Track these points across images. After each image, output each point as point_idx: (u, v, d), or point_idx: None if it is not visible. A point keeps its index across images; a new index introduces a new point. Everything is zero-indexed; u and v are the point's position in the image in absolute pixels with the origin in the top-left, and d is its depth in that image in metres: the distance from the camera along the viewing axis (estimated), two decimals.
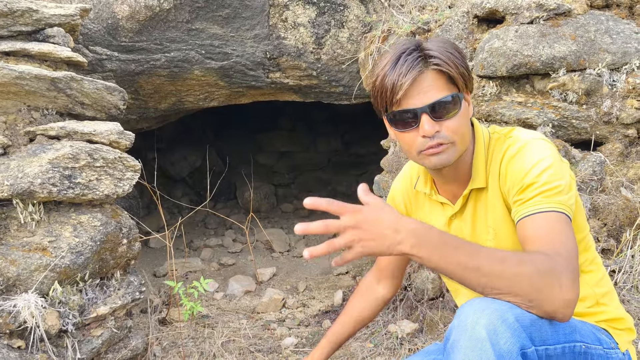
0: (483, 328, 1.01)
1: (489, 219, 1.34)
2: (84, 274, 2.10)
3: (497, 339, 1.01)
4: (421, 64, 1.20)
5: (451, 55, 1.22)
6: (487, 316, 1.02)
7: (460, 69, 1.23)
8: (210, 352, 2.56)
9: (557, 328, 1.11)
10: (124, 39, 3.09)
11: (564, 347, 1.13)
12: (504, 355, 1.00)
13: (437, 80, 1.21)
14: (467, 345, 1.02)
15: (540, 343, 1.07)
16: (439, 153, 1.24)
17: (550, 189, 1.17)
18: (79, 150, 2.08)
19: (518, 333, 1.02)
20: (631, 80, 2.45)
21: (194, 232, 5.11)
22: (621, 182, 2.46)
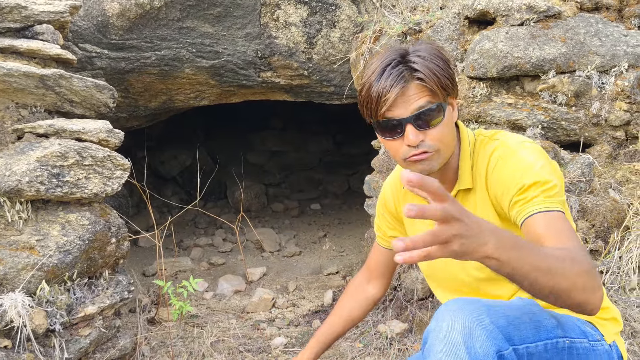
0: (458, 333, 1.01)
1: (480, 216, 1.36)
2: (72, 273, 2.08)
3: (473, 342, 1.00)
4: (405, 77, 1.23)
5: (435, 66, 1.24)
6: (462, 319, 1.02)
7: (443, 81, 1.25)
8: (199, 351, 2.55)
9: (538, 325, 1.12)
10: (114, 37, 3.07)
11: (546, 344, 1.13)
12: (477, 356, 1.00)
13: (421, 91, 1.23)
14: (442, 349, 1.02)
15: (520, 342, 1.07)
16: (422, 160, 1.27)
17: (550, 188, 1.19)
18: (67, 149, 2.06)
19: (494, 335, 1.02)
20: (619, 83, 2.47)
21: (184, 232, 5.08)
22: (609, 183, 2.48)
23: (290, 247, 4.51)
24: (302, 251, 4.47)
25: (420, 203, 1.49)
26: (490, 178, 1.31)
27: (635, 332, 2.17)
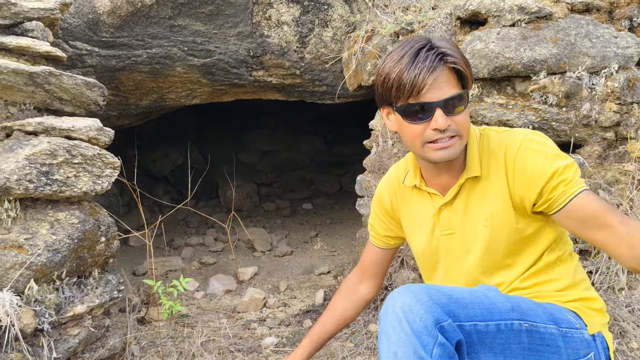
0: (400, 309, 1.16)
1: (486, 206, 1.41)
2: (61, 272, 2.07)
3: (413, 316, 1.14)
4: (439, 60, 1.28)
5: (461, 54, 1.33)
6: (402, 299, 1.17)
7: (469, 68, 1.34)
8: (189, 351, 2.54)
9: (490, 307, 1.22)
10: (105, 35, 3.05)
11: (499, 324, 1.22)
12: (420, 330, 1.12)
13: (450, 78, 1.30)
14: (389, 326, 1.16)
15: (466, 319, 1.18)
16: (447, 147, 1.32)
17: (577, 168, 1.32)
18: (56, 147, 2.04)
19: (432, 309, 1.14)
20: (610, 84, 2.49)
21: (175, 231, 5.06)
22: (599, 184, 2.50)
23: (281, 247, 4.50)
24: (294, 251, 4.46)
25: (421, 197, 1.53)
26: (513, 169, 1.36)
27: (624, 331, 2.19)
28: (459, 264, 1.50)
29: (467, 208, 1.44)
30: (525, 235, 1.40)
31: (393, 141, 2.84)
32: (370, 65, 2.94)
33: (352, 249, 4.07)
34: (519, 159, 1.35)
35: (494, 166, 1.40)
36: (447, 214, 1.48)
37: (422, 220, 1.55)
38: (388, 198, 1.66)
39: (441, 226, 1.50)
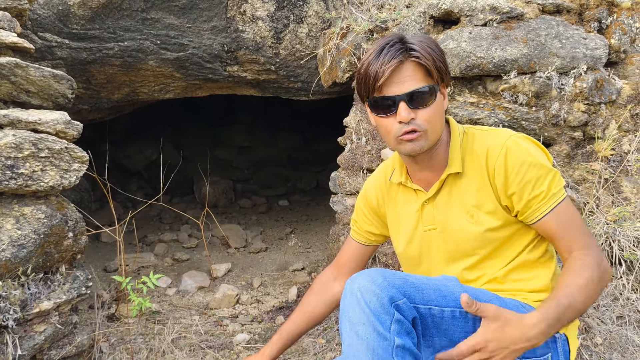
0: (357, 290, 1.21)
1: (466, 203, 1.44)
2: (27, 268, 2.02)
3: (370, 296, 1.18)
4: (402, 54, 1.31)
5: (430, 49, 1.34)
6: (359, 282, 1.22)
7: (438, 63, 1.34)
8: (159, 348, 2.52)
9: (446, 294, 1.27)
10: (76, 26, 2.99)
11: (454, 311, 1.26)
12: (377, 309, 1.17)
13: (416, 72, 1.32)
14: (348, 307, 1.21)
15: (421, 302, 1.23)
16: (412, 140, 1.35)
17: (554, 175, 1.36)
18: (22, 140, 2.00)
19: (387, 289, 1.19)
20: (578, 85, 2.53)
21: (149, 227, 5.01)
22: (567, 182, 2.55)
23: (256, 243, 4.48)
24: (269, 247, 4.45)
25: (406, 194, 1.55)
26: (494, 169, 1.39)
27: (589, 327, 2.23)
28: (440, 259, 1.52)
29: (448, 204, 1.47)
30: (505, 232, 1.43)
31: (367, 138, 2.85)
32: (344, 62, 2.95)
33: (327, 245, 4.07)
34: (499, 161, 1.37)
35: (476, 164, 1.42)
36: (430, 209, 1.50)
37: (407, 216, 1.57)
38: (374, 195, 1.68)
39: (424, 222, 1.52)
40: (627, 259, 2.30)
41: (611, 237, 2.32)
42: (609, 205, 2.47)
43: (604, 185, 2.51)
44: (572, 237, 1.34)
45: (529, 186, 1.34)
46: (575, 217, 1.36)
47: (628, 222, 2.35)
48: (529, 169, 1.34)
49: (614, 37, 2.70)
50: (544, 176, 1.34)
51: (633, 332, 2.18)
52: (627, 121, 2.62)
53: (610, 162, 2.58)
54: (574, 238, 1.34)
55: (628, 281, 2.30)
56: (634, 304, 2.26)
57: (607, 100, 2.60)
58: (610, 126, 2.58)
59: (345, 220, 2.93)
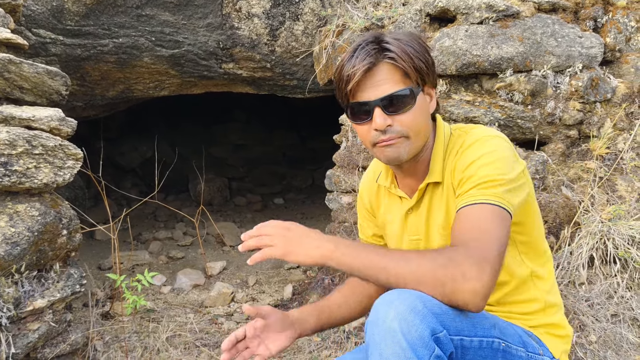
0: (394, 320, 1.03)
1: (441, 213, 1.34)
2: (20, 266, 2.01)
3: (408, 327, 1.02)
4: (375, 55, 1.18)
5: (410, 48, 1.20)
6: (396, 307, 1.04)
7: (417, 63, 1.20)
8: (154, 346, 2.51)
9: (474, 321, 1.13)
10: (70, 23, 2.97)
11: (482, 341, 1.14)
12: (415, 342, 1.02)
13: (392, 74, 1.19)
14: (381, 338, 1.04)
15: (455, 332, 1.09)
16: (390, 146, 1.23)
17: (487, 181, 1.16)
18: (16, 137, 1.98)
19: (428, 319, 1.04)
20: (574, 83, 2.54)
21: (144, 225, 4.99)
22: (562, 181, 2.55)
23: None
24: None
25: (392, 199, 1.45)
26: (452, 170, 1.29)
27: (583, 325, 2.24)
28: None
29: (429, 213, 1.36)
30: None
31: None
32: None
33: None
34: (459, 156, 1.26)
35: (449, 169, 1.30)
36: (413, 218, 1.40)
37: (394, 223, 1.47)
38: (367, 198, 1.56)
39: (409, 231, 1.42)
40: (621, 257, 2.31)
41: (606, 236, 2.33)
42: (604, 203, 2.48)
43: (598, 183, 2.52)
44: (461, 237, 1.13)
45: (461, 182, 1.21)
46: (487, 228, 1.12)
47: (622, 221, 2.35)
48: (467, 169, 1.21)
49: (609, 35, 2.71)
50: (479, 176, 1.18)
51: (627, 330, 2.19)
52: (622, 120, 2.63)
53: (605, 160, 2.59)
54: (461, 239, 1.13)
55: (622, 279, 2.31)
56: (628, 302, 2.27)
57: (602, 98, 2.60)
58: (605, 125, 2.59)
59: (341, 218, 2.93)
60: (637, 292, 2.30)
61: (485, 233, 1.10)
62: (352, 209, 2.89)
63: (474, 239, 1.10)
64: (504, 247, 1.11)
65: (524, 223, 1.31)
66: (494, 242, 1.09)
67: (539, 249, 1.38)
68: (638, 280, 2.32)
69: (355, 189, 2.90)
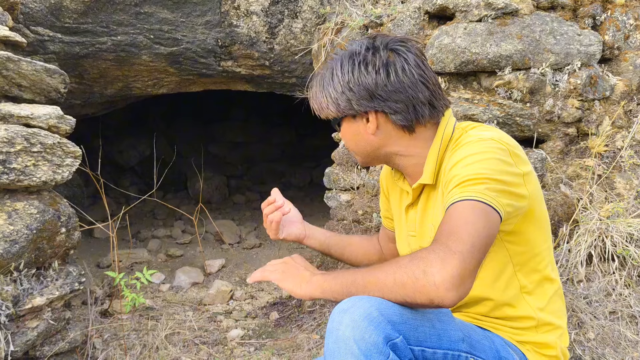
0: (346, 327, 1.03)
1: (433, 214, 1.35)
2: (19, 264, 2.01)
3: (361, 334, 1.01)
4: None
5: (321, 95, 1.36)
6: (349, 315, 1.04)
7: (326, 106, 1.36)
8: (153, 344, 2.51)
9: (440, 333, 1.12)
10: (68, 20, 2.97)
11: (446, 354, 1.12)
12: (369, 349, 1.01)
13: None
14: (335, 347, 1.04)
15: (415, 343, 1.08)
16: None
17: (469, 179, 1.14)
18: (14, 134, 1.98)
19: (382, 325, 1.03)
20: (572, 81, 2.54)
21: (142, 223, 4.99)
22: (560, 178, 2.55)
23: (250, 239, 4.48)
24: (263, 243, 4.44)
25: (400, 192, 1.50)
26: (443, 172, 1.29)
27: (581, 322, 2.24)
28: None
29: (424, 213, 1.40)
30: None
31: None
32: None
33: None
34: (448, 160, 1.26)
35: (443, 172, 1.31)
36: (412, 215, 1.44)
37: (399, 214, 1.53)
38: (385, 182, 1.63)
39: (408, 226, 1.47)
40: (619, 255, 2.32)
41: (604, 233, 2.34)
42: (602, 201, 2.48)
43: (597, 181, 2.52)
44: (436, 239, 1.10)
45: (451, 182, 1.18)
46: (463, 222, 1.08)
47: (621, 218, 2.36)
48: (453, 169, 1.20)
49: (608, 33, 2.71)
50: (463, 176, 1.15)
51: (625, 327, 2.19)
52: (620, 117, 2.63)
53: (603, 158, 2.60)
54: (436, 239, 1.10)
55: (621, 277, 2.31)
56: (626, 300, 2.28)
57: (600, 96, 2.60)
58: (603, 122, 2.59)
59: (340, 216, 2.93)
60: (635, 289, 2.31)
61: (459, 227, 1.07)
62: (350, 207, 2.89)
63: (446, 235, 1.07)
64: (482, 240, 1.06)
65: (521, 233, 1.28)
66: (466, 235, 1.05)
67: (539, 267, 1.34)
68: (636, 277, 2.32)
69: (353, 186, 2.90)
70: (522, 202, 1.20)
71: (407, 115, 1.29)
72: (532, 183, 1.26)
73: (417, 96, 1.28)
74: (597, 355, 2.09)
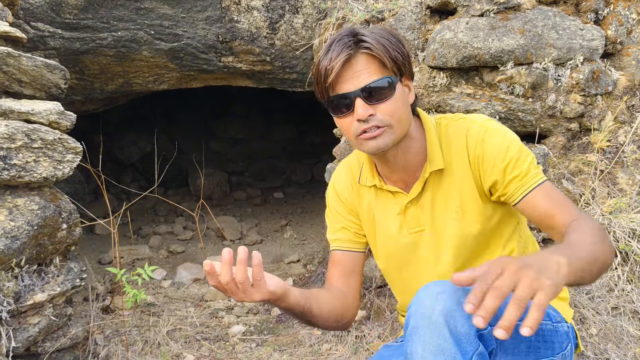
0: (440, 314, 1.03)
1: (453, 200, 1.35)
2: (20, 260, 2.01)
3: (455, 322, 1.02)
4: (351, 47, 1.21)
5: (385, 40, 1.24)
6: (442, 301, 1.04)
7: (393, 53, 1.23)
8: (154, 340, 2.51)
9: (503, 308, 1.08)
10: (68, 16, 2.96)
11: (517, 325, 1.09)
12: (461, 339, 1.03)
13: (370, 65, 1.22)
14: (426, 331, 1.04)
15: (494, 322, 1.05)
16: (375, 137, 1.24)
17: (533, 159, 1.29)
18: (15, 130, 1.97)
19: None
20: (575, 76, 2.53)
21: (144, 219, 4.99)
22: (563, 174, 2.55)
23: (251, 236, 4.48)
24: (264, 239, 4.44)
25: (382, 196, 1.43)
26: (476, 156, 1.31)
27: (584, 318, 2.24)
28: (429, 262, 1.41)
29: (434, 203, 1.37)
30: (492, 224, 1.35)
31: None
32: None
33: (322, 237, 4.07)
34: (481, 142, 1.30)
35: (455, 155, 1.34)
36: (414, 211, 1.40)
37: (387, 219, 1.44)
38: (350, 198, 1.51)
39: (409, 224, 1.42)
40: (622, 250, 2.31)
41: (607, 229, 2.33)
42: (605, 196, 2.47)
43: (599, 176, 2.51)
44: (567, 211, 1.22)
45: (509, 168, 1.26)
46: (563, 196, 1.27)
47: (623, 214, 2.35)
48: (507, 153, 1.27)
49: (610, 28, 2.69)
50: (524, 158, 1.27)
51: (628, 322, 2.19)
52: (623, 113, 2.62)
53: (606, 153, 2.59)
54: (568, 212, 1.21)
55: (623, 272, 2.31)
56: (628, 295, 2.27)
57: (603, 91, 2.59)
58: (606, 118, 2.58)
59: None
60: (637, 285, 2.30)
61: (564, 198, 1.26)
62: None
63: (568, 208, 1.23)
64: None
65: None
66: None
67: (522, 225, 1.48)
68: (639, 273, 2.32)
69: None
70: None
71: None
72: None
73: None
74: (600, 351, 2.09)
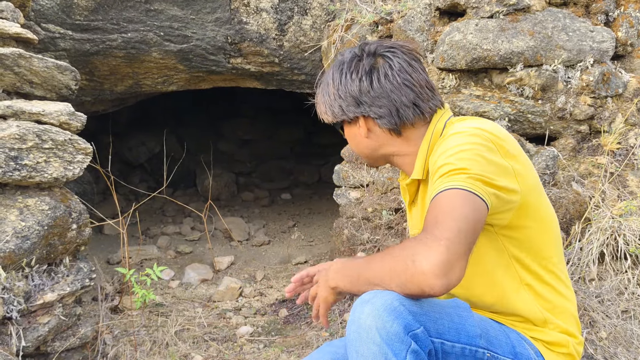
0: (368, 316, 1.06)
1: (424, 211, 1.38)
2: (30, 260, 2.02)
3: (383, 323, 1.04)
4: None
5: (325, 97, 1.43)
6: (371, 305, 1.07)
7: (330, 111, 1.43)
8: (163, 340, 2.52)
9: (458, 327, 1.14)
10: (79, 18, 2.98)
11: (464, 348, 1.15)
12: (391, 338, 1.04)
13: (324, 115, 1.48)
14: (356, 336, 1.07)
15: (435, 335, 1.11)
16: None
17: (452, 170, 1.14)
18: (26, 131, 1.99)
19: (403, 316, 1.05)
20: (585, 78, 2.52)
21: (152, 220, 5.00)
22: (572, 176, 2.53)
23: (259, 237, 4.48)
24: (271, 240, 4.45)
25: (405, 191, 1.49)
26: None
27: (593, 321, 2.23)
28: None
29: (422, 209, 1.41)
30: None
31: None
32: None
33: (330, 239, 4.07)
34: (434, 152, 1.27)
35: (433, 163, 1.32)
36: (415, 212, 1.48)
37: (409, 215, 1.55)
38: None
39: (412, 223, 1.52)
40: (632, 253, 2.29)
41: (617, 231, 2.31)
42: (615, 199, 2.45)
43: (609, 179, 2.50)
44: (427, 225, 1.10)
45: (435, 175, 1.19)
46: (447, 210, 1.08)
47: (634, 216, 2.33)
48: (439, 158, 1.20)
49: (620, 30, 2.68)
50: (452, 162, 1.15)
51: (638, 326, 2.17)
52: (633, 115, 2.60)
53: (616, 155, 2.57)
54: (426, 228, 1.10)
55: (633, 275, 2.29)
56: (639, 299, 2.25)
57: (613, 93, 2.58)
58: (616, 120, 2.57)
59: (349, 213, 2.93)
60: None
61: (444, 214, 1.08)
62: (360, 204, 2.89)
63: (432, 223, 1.08)
64: (470, 224, 1.06)
65: (519, 228, 1.26)
66: (452, 221, 1.06)
67: (542, 263, 1.31)
68: None
69: (363, 184, 2.89)
70: (510, 194, 1.18)
71: (391, 119, 1.34)
72: (523, 176, 1.24)
73: (400, 100, 1.32)
74: (609, 355, 2.07)
